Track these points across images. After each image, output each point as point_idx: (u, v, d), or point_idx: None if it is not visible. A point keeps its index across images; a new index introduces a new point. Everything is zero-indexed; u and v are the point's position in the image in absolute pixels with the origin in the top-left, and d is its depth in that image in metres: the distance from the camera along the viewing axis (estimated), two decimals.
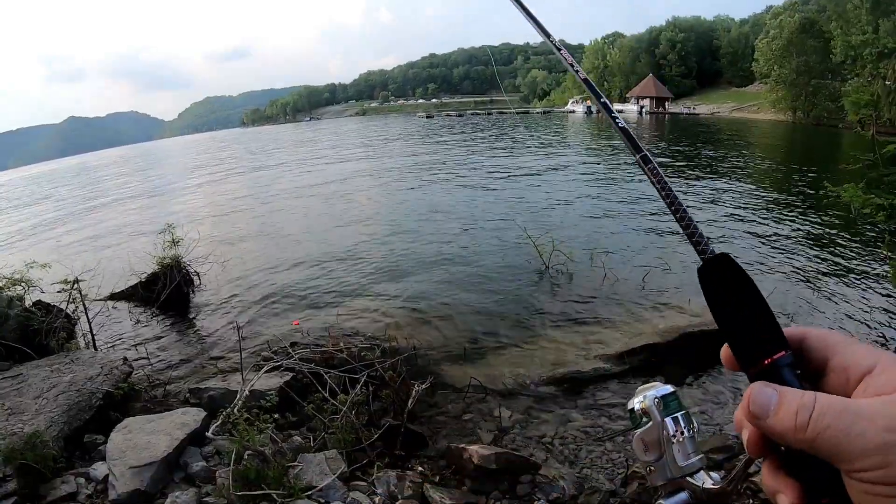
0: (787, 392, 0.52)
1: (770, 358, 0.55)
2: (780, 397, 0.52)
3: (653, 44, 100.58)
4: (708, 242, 0.63)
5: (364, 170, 35.43)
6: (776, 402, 0.52)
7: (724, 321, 0.59)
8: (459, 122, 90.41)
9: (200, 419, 5.63)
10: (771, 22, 63.19)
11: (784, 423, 0.51)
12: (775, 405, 0.52)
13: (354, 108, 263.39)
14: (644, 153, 0.72)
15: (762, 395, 0.53)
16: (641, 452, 0.66)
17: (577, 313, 9.53)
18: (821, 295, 9.77)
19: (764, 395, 0.53)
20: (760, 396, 0.53)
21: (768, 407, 0.52)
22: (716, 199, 18.86)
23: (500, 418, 6.44)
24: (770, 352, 0.56)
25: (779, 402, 0.52)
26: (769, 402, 0.52)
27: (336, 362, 6.71)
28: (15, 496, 4.45)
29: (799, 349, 0.57)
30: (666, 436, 0.63)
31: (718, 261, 0.61)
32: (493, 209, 18.99)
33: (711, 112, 77.24)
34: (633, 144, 0.75)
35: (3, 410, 5.72)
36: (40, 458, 4.80)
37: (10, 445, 4.75)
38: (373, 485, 4.82)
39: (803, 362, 0.56)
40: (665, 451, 0.63)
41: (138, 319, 10.79)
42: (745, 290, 0.59)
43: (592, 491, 5.06)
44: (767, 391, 0.53)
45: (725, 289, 0.60)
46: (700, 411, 6.50)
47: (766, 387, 0.53)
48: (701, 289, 0.61)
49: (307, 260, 14.24)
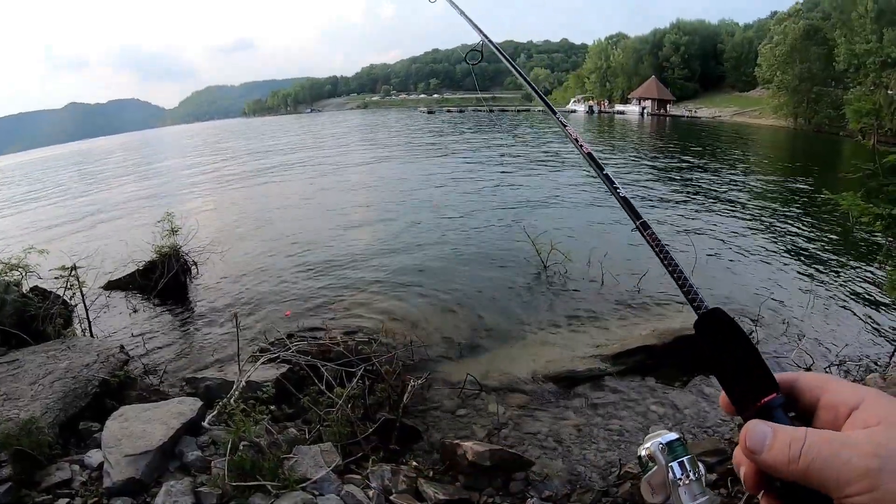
0: (780, 428, 0.55)
1: (762, 400, 0.59)
2: (775, 433, 0.55)
3: (656, 46, 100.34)
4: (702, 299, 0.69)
5: (363, 162, 35.46)
6: (771, 438, 0.55)
7: (718, 369, 0.64)
8: (460, 118, 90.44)
9: (197, 409, 5.64)
10: (775, 28, 62.91)
11: (778, 456, 0.54)
12: (770, 440, 0.55)
13: (356, 101, 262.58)
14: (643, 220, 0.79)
15: (758, 431, 0.56)
16: (649, 495, 0.69)
17: (574, 313, 9.56)
18: (816, 303, 9.79)
19: (759, 432, 0.56)
20: (756, 433, 0.56)
21: (764, 442, 0.55)
22: (712, 203, 18.91)
23: (494, 415, 6.48)
24: (762, 394, 0.59)
25: (773, 437, 0.55)
26: (765, 438, 0.55)
27: (333, 355, 6.71)
28: (10, 482, 4.44)
29: (791, 392, 0.60)
30: (672, 479, 0.65)
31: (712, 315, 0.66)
32: (493, 206, 19.03)
33: (713, 116, 77.17)
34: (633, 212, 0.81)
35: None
36: (35, 445, 4.78)
37: (6, 431, 4.73)
38: (367, 478, 4.84)
39: (796, 403, 0.60)
40: (671, 492, 0.65)
41: (135, 308, 10.80)
42: (737, 340, 0.64)
43: (585, 490, 5.10)
44: (763, 428, 0.56)
45: (718, 340, 0.65)
46: (693, 413, 6.55)
47: (761, 424, 0.57)
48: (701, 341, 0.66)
49: (305, 252, 14.26)
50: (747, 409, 0.60)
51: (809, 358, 7.63)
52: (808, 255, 13.04)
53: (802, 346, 7.94)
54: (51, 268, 9.00)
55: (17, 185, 45.29)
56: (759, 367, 0.61)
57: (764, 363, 0.61)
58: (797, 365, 7.57)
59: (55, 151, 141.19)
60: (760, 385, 0.60)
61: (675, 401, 6.81)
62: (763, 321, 8.64)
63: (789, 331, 8.62)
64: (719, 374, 0.64)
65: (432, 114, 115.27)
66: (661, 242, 0.77)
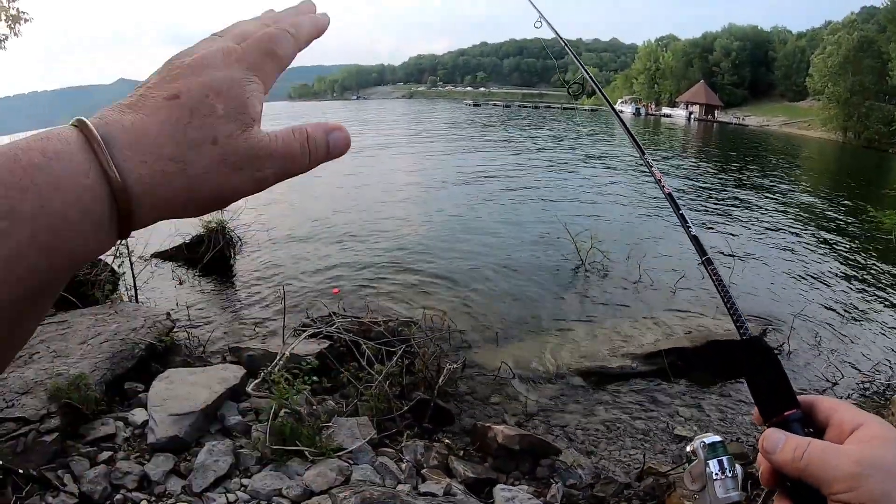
0: (790, 436, 0.69)
1: (784, 413, 0.73)
2: (786, 439, 0.68)
3: (707, 49, 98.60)
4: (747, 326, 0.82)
5: (409, 149, 35.62)
6: (783, 443, 0.68)
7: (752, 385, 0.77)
8: (506, 113, 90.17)
9: (240, 376, 5.87)
10: (828, 38, 61.07)
11: (786, 457, 0.67)
12: (781, 444, 0.68)
13: (402, 91, 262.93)
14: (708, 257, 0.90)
15: (773, 437, 0.70)
16: (689, 482, 0.82)
17: (609, 310, 9.64)
18: (850, 320, 9.69)
19: (774, 438, 0.69)
20: (772, 438, 0.70)
21: (777, 445, 0.69)
22: (753, 212, 18.67)
23: (525, 403, 6.61)
24: (784, 409, 0.73)
25: (784, 442, 0.68)
26: (778, 443, 0.69)
27: (373, 335, 6.90)
28: (57, 432, 4.62)
29: (809, 411, 0.73)
30: (709, 473, 0.76)
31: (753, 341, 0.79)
32: (537, 201, 19.15)
33: (761, 124, 75.74)
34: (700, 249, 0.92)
35: (48, 353, 5.87)
36: (83, 400, 4.98)
37: (56, 384, 4.93)
38: (401, 452, 5.03)
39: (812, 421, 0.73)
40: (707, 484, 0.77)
41: (181, 279, 11.07)
42: (770, 365, 0.77)
43: (608, 481, 5.20)
44: (778, 435, 0.70)
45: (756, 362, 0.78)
46: (720, 418, 6.60)
47: (776, 432, 0.70)
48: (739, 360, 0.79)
49: (349, 234, 14.48)
50: (770, 420, 0.74)
51: (838, 373, 7.60)
52: (845, 271, 12.83)
53: (832, 361, 7.90)
54: None
55: None
56: (784, 387, 0.74)
57: (789, 385, 0.74)
58: (825, 378, 7.56)
59: None
60: (784, 402, 0.73)
61: (702, 404, 6.85)
62: (795, 333, 8.56)
63: (821, 345, 8.56)
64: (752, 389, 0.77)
65: (478, 106, 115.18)
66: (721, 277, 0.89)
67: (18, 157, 0.39)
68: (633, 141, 1.18)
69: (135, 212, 0.44)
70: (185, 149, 0.45)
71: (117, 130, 0.44)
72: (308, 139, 0.52)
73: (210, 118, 0.46)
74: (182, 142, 0.45)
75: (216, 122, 0.47)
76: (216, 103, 0.47)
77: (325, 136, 0.53)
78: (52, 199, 0.39)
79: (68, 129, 0.43)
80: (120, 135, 0.43)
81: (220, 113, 0.47)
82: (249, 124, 0.48)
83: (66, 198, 0.40)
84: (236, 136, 0.47)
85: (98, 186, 0.41)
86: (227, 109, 0.47)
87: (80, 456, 4.50)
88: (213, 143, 0.46)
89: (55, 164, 0.40)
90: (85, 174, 0.41)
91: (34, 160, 0.39)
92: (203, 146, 0.46)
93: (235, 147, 0.47)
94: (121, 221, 0.43)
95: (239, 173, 0.48)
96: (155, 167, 0.44)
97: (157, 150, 0.44)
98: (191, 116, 0.46)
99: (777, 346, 8.17)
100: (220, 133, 0.47)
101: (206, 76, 0.48)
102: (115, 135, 0.43)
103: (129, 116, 0.45)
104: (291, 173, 0.52)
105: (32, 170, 0.39)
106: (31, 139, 0.41)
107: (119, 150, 0.43)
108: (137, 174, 0.43)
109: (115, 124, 0.44)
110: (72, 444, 4.68)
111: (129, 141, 0.43)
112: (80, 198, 0.40)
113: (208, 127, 0.46)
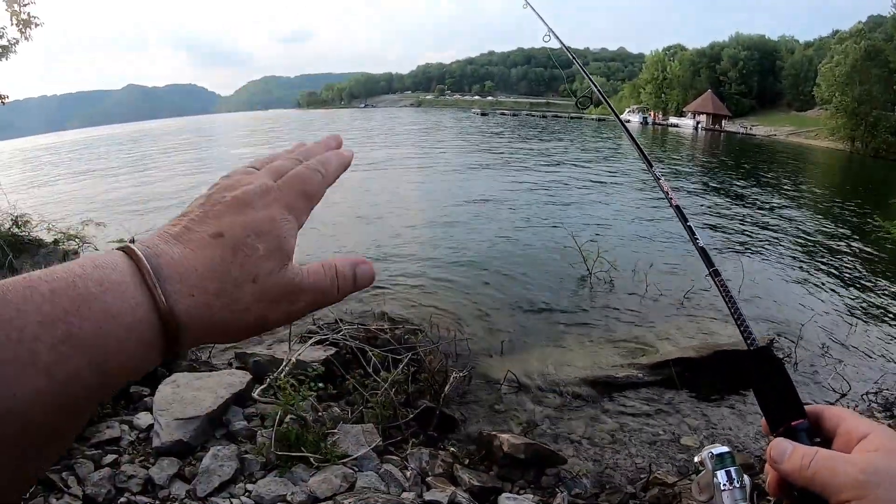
0: (798, 445, 0.69)
1: (791, 423, 0.73)
2: (794, 448, 0.69)
3: (714, 59, 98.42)
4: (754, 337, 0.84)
5: (416, 157, 35.74)
6: (790, 452, 0.68)
7: (761, 397, 0.78)
8: (514, 122, 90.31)
9: (246, 381, 5.85)
10: (836, 47, 60.93)
11: (793, 465, 0.67)
12: (789, 454, 0.68)
13: (410, 99, 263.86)
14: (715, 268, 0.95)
15: (780, 447, 0.70)
16: (697, 493, 0.82)
17: (615, 320, 9.60)
18: (858, 328, 9.65)
19: (781, 447, 0.70)
20: (779, 448, 0.70)
21: (784, 455, 0.69)
22: (760, 221, 18.66)
23: (531, 412, 6.60)
24: (791, 419, 0.73)
25: (792, 452, 0.68)
26: (785, 452, 0.69)
27: (379, 342, 6.90)
28: None
29: (817, 420, 0.73)
30: (717, 483, 0.76)
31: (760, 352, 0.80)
32: (543, 209, 19.23)
33: (768, 134, 75.53)
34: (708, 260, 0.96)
35: None
36: None
37: None
38: (406, 459, 5.02)
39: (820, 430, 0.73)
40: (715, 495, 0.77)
41: None
42: (777, 375, 0.77)
43: (613, 491, 5.18)
44: (785, 444, 0.70)
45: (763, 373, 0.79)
46: (726, 428, 6.57)
47: (783, 441, 0.71)
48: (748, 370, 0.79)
49: (355, 240, 14.60)
50: (777, 430, 0.74)
51: (846, 382, 7.55)
52: (853, 280, 12.80)
53: (840, 370, 7.84)
54: (109, 239, 9.29)
55: (77, 162, 46.75)
56: (791, 398, 0.75)
57: (797, 395, 0.75)
58: (833, 387, 7.52)
59: (114, 131, 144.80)
60: (791, 412, 0.74)
61: (709, 415, 6.82)
62: (803, 342, 8.52)
63: (829, 353, 8.51)
64: (760, 399, 0.77)
65: (486, 115, 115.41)
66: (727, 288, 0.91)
67: (76, 285, 0.43)
68: (640, 154, 1.19)
69: (180, 338, 0.47)
70: (229, 286, 0.50)
71: (166, 262, 0.48)
72: (337, 273, 0.58)
73: (252, 258, 0.51)
74: (226, 279, 0.50)
75: (257, 261, 0.51)
76: (257, 243, 0.52)
77: (352, 270, 0.59)
78: (108, 326, 0.43)
79: (119, 255, 0.47)
80: (169, 267, 0.48)
81: (260, 252, 0.52)
82: (286, 262, 0.53)
83: (120, 325, 0.44)
84: (274, 274, 0.52)
85: (149, 315, 0.45)
86: (267, 249, 0.52)
87: (85, 458, 4.49)
88: (253, 281, 0.51)
89: (110, 293, 0.44)
90: (139, 304, 0.45)
91: (91, 289, 0.43)
92: (245, 284, 0.50)
93: (274, 284, 0.52)
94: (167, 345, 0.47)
95: (276, 307, 0.52)
96: (200, 300, 0.48)
97: (204, 284, 0.49)
98: (234, 255, 0.50)
99: (785, 355, 8.14)
100: (260, 271, 0.51)
101: (247, 216, 0.53)
102: (165, 266, 0.47)
103: (177, 249, 0.49)
104: (322, 305, 0.57)
105: (90, 298, 0.43)
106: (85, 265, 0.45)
107: (168, 281, 0.47)
108: (185, 305, 0.47)
109: (164, 256, 0.48)
110: (76, 447, 4.65)
111: (177, 274, 0.48)
112: (132, 326, 0.44)
113: (250, 265, 0.51)
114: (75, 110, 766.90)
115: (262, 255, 0.51)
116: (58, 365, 0.40)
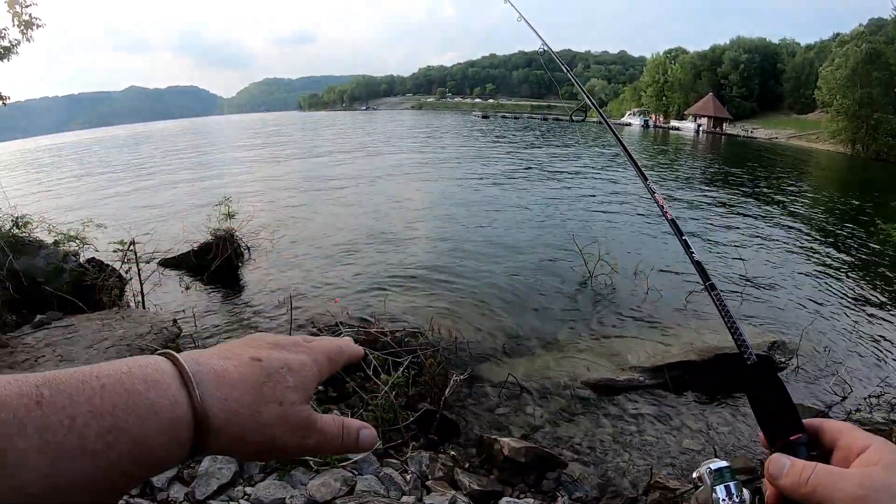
0: (796, 460, 0.69)
1: (789, 438, 0.73)
2: (792, 463, 0.69)
3: (715, 62, 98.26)
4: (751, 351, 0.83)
5: (419, 160, 35.79)
6: (788, 467, 0.69)
7: (759, 412, 0.78)
8: (516, 125, 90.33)
9: None
10: (837, 50, 60.67)
11: (791, 481, 0.67)
12: (787, 469, 0.68)
13: (411, 102, 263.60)
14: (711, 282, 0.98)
15: (778, 462, 0.70)
16: None
17: (616, 323, 9.60)
18: (859, 334, 9.59)
19: (780, 463, 0.70)
20: (777, 463, 0.70)
21: (782, 470, 0.69)
22: (760, 225, 18.60)
23: (532, 415, 6.59)
24: (789, 433, 0.73)
25: (790, 467, 0.68)
26: (783, 467, 0.69)
27: (380, 345, 6.89)
28: None
29: (816, 434, 0.74)
30: (716, 499, 0.76)
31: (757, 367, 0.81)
32: (544, 213, 19.19)
33: (769, 137, 75.46)
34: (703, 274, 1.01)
35: (54, 356, 5.86)
36: None
37: None
38: (406, 463, 5.01)
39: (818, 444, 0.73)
40: None
41: (188, 286, 11.11)
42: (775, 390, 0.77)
43: (615, 495, 5.17)
44: (783, 459, 0.70)
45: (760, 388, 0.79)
46: (727, 431, 6.55)
47: (782, 457, 0.71)
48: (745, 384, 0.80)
49: (357, 243, 14.59)
50: (776, 445, 0.74)
51: (847, 385, 7.54)
52: (854, 285, 12.74)
53: (841, 376, 7.83)
54: (109, 241, 9.27)
55: (78, 163, 46.79)
56: (789, 412, 0.75)
57: (795, 409, 0.75)
58: (833, 391, 7.51)
59: (116, 132, 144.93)
60: (789, 426, 0.74)
61: (710, 418, 6.81)
62: (803, 349, 8.49)
63: (830, 359, 8.47)
64: (758, 414, 0.77)
65: (487, 118, 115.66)
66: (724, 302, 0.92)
67: (124, 382, 0.49)
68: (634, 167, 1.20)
69: (210, 439, 0.53)
70: (259, 401, 0.56)
71: (206, 370, 0.54)
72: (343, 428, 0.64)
73: (281, 385, 0.58)
74: (257, 396, 0.56)
75: (285, 389, 0.58)
76: (288, 376, 0.59)
77: (357, 430, 0.65)
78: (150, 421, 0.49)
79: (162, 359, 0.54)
80: (209, 375, 0.54)
81: (289, 384, 0.59)
82: (306, 400, 0.61)
83: (161, 421, 0.49)
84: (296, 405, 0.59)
85: (186, 415, 0.51)
86: (294, 383, 0.59)
87: None
88: (279, 403, 0.57)
89: (153, 392, 0.50)
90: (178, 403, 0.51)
91: (137, 387, 0.49)
92: (271, 404, 0.57)
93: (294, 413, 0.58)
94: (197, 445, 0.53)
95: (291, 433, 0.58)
96: (232, 407, 0.54)
97: (238, 395, 0.55)
98: (267, 378, 0.58)
99: (785, 362, 8.13)
100: (286, 398, 0.58)
101: (284, 354, 0.62)
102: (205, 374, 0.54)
103: (218, 362, 0.56)
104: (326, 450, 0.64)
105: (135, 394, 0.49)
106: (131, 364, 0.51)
107: (207, 387, 0.53)
108: (219, 409, 0.53)
109: (205, 365, 0.55)
110: None
111: (216, 382, 0.54)
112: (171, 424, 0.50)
113: (279, 391, 0.58)
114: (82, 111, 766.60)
115: (290, 386, 0.59)
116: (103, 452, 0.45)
